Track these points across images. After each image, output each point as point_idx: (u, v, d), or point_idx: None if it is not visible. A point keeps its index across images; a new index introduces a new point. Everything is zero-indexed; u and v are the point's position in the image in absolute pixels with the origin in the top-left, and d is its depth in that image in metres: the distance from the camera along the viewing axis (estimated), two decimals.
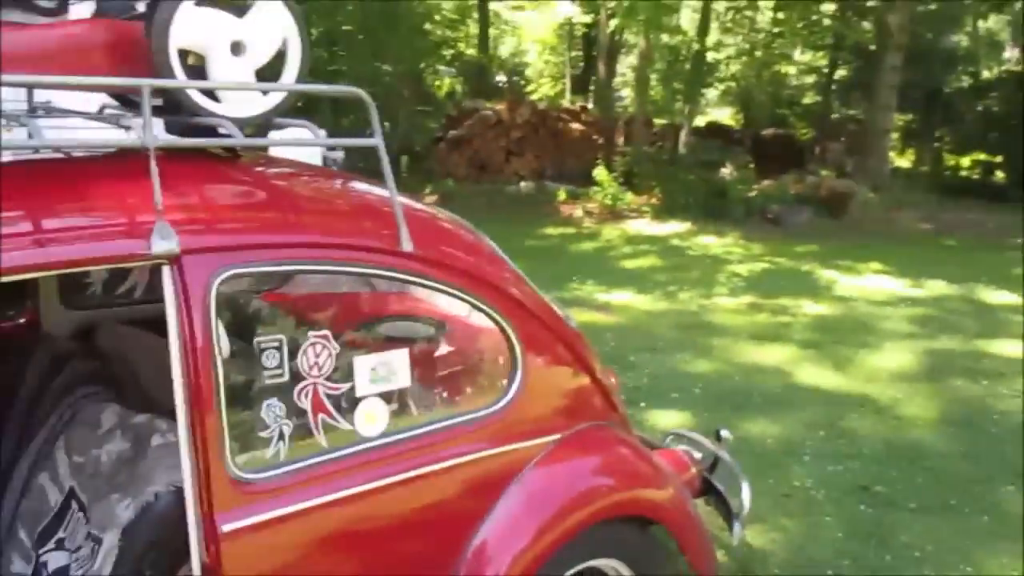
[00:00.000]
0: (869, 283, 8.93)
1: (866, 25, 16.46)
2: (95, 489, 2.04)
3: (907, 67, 14.59)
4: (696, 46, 15.33)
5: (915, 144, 19.51)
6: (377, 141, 1.92)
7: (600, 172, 12.80)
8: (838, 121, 19.52)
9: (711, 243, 10.74)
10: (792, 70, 21.37)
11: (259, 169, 2.12)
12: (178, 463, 1.88)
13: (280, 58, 2.08)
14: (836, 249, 10.57)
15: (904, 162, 19.00)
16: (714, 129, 18.88)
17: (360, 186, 2.25)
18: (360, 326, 1.97)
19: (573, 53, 21.92)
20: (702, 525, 2.76)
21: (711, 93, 22.66)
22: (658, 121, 17.43)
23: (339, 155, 3.67)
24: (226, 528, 1.68)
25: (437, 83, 17.29)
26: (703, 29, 14.93)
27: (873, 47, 15.92)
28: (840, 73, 19.36)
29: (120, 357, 2.57)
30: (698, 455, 3.16)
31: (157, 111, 1.89)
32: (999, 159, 17.47)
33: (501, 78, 23.42)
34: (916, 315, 7.64)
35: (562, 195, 12.88)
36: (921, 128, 18.74)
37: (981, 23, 19.66)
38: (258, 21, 2.00)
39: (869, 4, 15.88)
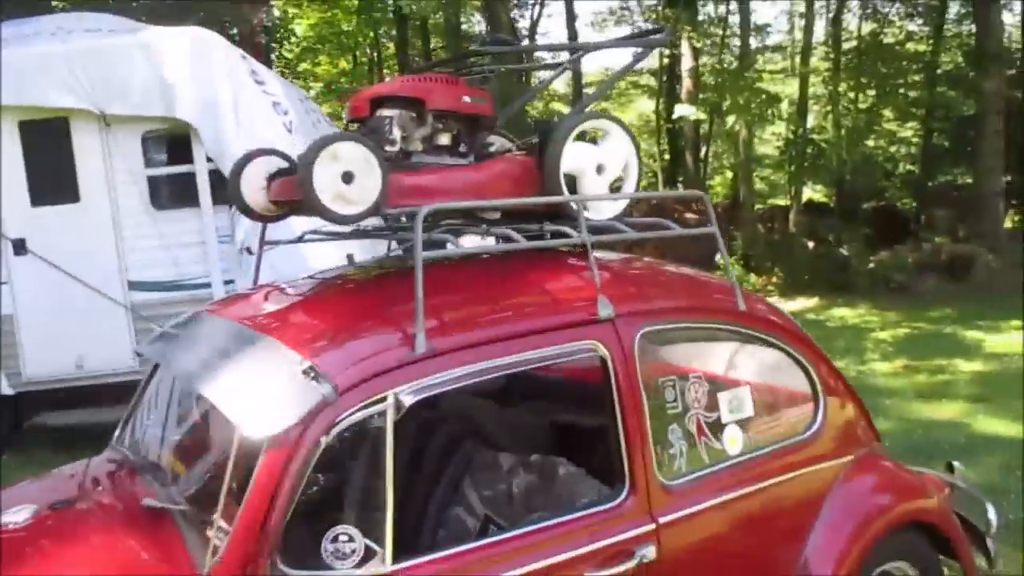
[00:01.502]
0: (1017, 339, 9.09)
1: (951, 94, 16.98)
2: (511, 514, 2.61)
3: None
4: (797, 130, 16.00)
5: (1016, 204, 19.40)
6: (713, 230, 2.56)
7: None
8: (938, 189, 19.63)
9: (846, 314, 11.06)
10: (882, 141, 21.68)
11: (617, 258, 2.79)
12: (584, 487, 2.48)
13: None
14: (972, 311, 10.74)
15: (1007, 223, 18.88)
16: (811, 207, 19.21)
17: (686, 267, 2.90)
18: (719, 368, 2.55)
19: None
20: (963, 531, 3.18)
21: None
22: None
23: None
24: (662, 520, 2.26)
25: None
26: (802, 112, 15.63)
27: (971, 112, 16.28)
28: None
29: (472, 420, 3.19)
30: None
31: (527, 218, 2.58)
32: None
33: None
34: None
35: None
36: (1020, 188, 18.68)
37: None
38: (611, 148, 2.69)
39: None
